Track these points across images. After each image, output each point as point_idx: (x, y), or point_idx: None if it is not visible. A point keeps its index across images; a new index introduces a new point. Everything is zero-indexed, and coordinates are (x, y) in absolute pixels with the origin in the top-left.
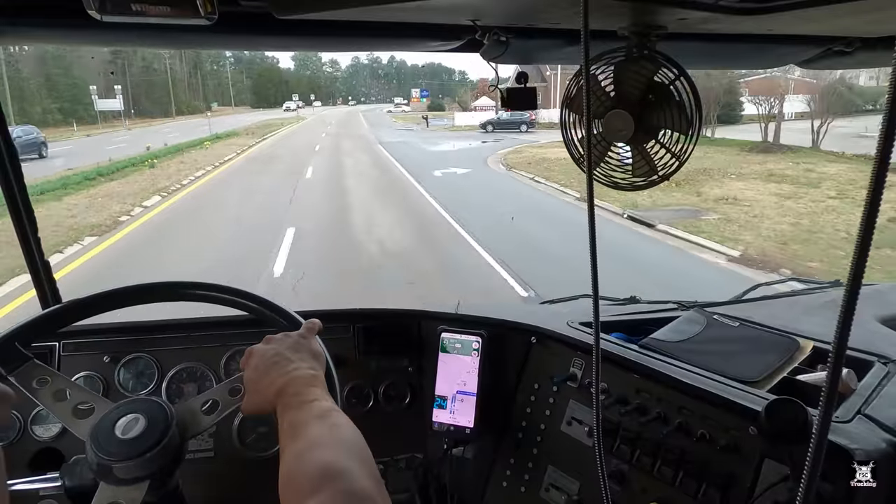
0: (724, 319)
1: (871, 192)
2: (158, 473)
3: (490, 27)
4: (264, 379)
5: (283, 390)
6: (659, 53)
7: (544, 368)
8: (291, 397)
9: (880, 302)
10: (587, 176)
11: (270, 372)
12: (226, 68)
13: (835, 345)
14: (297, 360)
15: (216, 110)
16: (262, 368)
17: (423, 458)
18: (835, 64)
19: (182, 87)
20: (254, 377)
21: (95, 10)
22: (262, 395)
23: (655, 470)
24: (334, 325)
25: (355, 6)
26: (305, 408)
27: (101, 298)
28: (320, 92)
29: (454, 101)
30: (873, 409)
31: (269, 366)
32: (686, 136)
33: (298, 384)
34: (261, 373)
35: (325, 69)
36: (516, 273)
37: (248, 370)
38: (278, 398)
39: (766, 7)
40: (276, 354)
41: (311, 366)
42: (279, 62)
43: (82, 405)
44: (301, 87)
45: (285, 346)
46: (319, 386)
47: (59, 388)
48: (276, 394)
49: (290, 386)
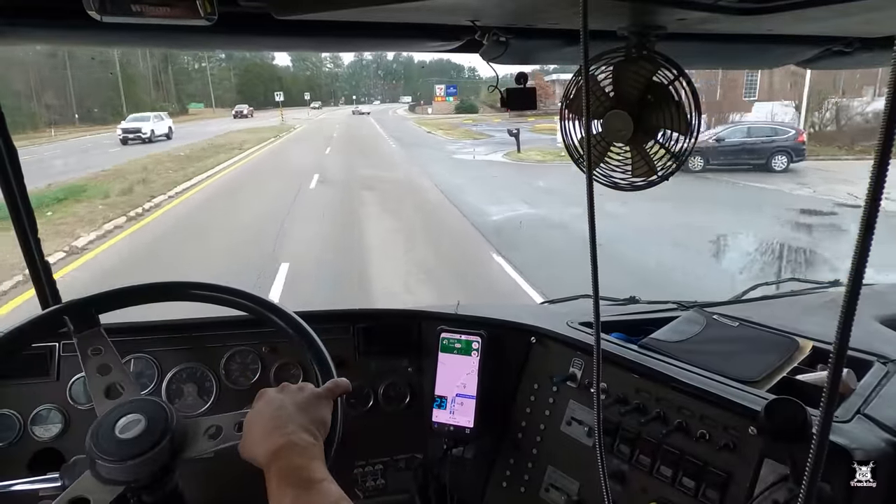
0: (724, 319)
1: (871, 192)
2: (134, 483)
3: (489, 27)
4: (261, 430)
5: (279, 454)
6: (658, 54)
7: (544, 368)
8: (292, 471)
9: (879, 302)
10: (587, 176)
11: (269, 426)
12: (205, 64)
13: (836, 345)
14: (298, 421)
15: (195, 113)
16: (263, 416)
17: (423, 458)
18: (834, 64)
19: (144, 85)
20: (253, 423)
21: (95, 11)
22: (257, 447)
23: (655, 470)
24: (334, 326)
25: (354, 7)
26: (314, 490)
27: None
28: (320, 91)
29: (478, 100)
30: (873, 409)
31: (270, 419)
32: (685, 136)
33: (296, 453)
34: (260, 421)
35: (326, 66)
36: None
37: (251, 412)
38: (273, 461)
39: (766, 7)
40: (280, 408)
41: (311, 433)
42: (274, 59)
43: (116, 387)
44: (298, 85)
45: (294, 400)
46: (319, 458)
47: (106, 364)
48: (271, 454)
49: (288, 453)
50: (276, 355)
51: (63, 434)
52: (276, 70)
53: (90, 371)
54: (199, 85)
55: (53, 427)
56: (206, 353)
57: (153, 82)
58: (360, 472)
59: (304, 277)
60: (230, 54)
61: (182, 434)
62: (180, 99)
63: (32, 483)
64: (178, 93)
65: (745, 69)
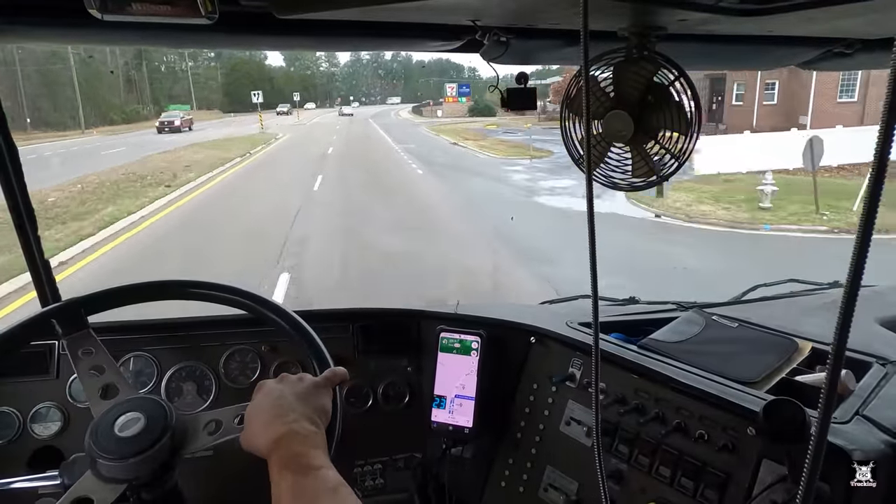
0: (723, 320)
1: (869, 192)
2: (135, 481)
3: (490, 27)
4: (262, 420)
5: (280, 443)
6: (658, 54)
7: (543, 368)
8: (292, 458)
9: (879, 303)
10: (587, 176)
11: (269, 415)
12: (190, 63)
13: (834, 346)
14: (299, 410)
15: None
16: (263, 407)
17: (422, 457)
18: (834, 65)
19: (112, 86)
20: (253, 413)
21: (96, 10)
22: (258, 438)
23: (654, 470)
24: (333, 325)
25: (355, 6)
26: (312, 476)
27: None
28: (315, 91)
29: (482, 100)
30: (871, 410)
31: (271, 408)
32: (685, 137)
33: (297, 442)
34: (261, 412)
35: (322, 65)
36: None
37: (251, 403)
38: (274, 449)
39: (767, 8)
40: (280, 398)
41: (312, 421)
42: (266, 57)
43: (111, 387)
44: (291, 85)
45: (294, 390)
46: (320, 447)
47: (99, 364)
48: (272, 443)
49: (289, 441)
50: (276, 354)
51: (62, 432)
52: (267, 70)
53: (83, 372)
54: (188, 85)
55: (53, 425)
56: (205, 352)
57: (124, 81)
58: (359, 472)
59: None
60: (219, 52)
61: (182, 430)
62: (158, 100)
63: (32, 481)
64: (156, 93)
65: (746, 70)
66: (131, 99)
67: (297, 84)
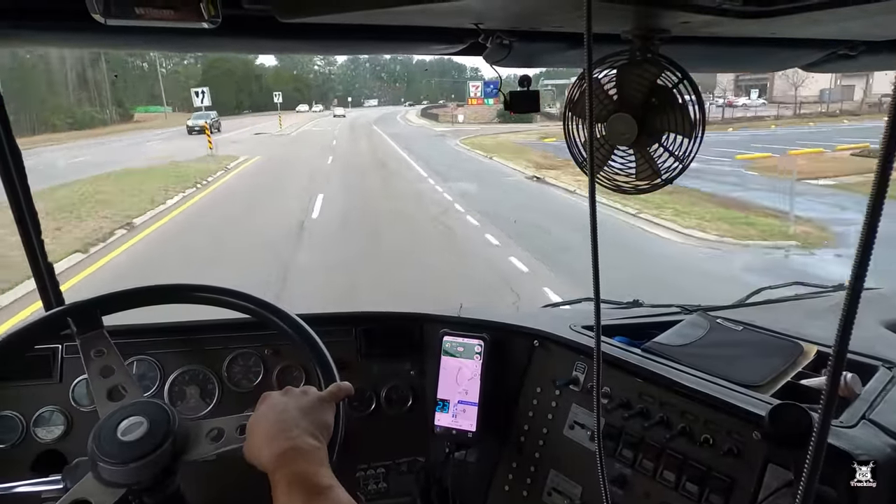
0: (728, 323)
1: (873, 195)
2: (136, 485)
3: (493, 30)
4: (266, 433)
5: (284, 459)
6: (662, 57)
7: (547, 372)
8: (300, 476)
9: (885, 306)
10: (589, 179)
11: (273, 429)
12: (168, 64)
13: (835, 348)
14: (303, 425)
15: (142, 120)
16: (267, 419)
17: (425, 461)
18: (839, 67)
19: (55, 83)
20: (257, 426)
21: (100, 14)
22: (261, 451)
23: (658, 474)
24: (336, 329)
25: (358, 10)
26: (323, 497)
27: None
28: (309, 92)
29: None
30: (878, 414)
31: (275, 422)
32: (689, 139)
33: (302, 458)
34: (264, 424)
35: (317, 64)
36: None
37: (254, 414)
38: (278, 466)
39: (771, 10)
40: (283, 411)
41: (314, 436)
42: (257, 57)
43: (119, 389)
44: (281, 85)
45: (298, 404)
46: (325, 464)
47: (109, 365)
48: (276, 458)
49: (294, 457)
50: (279, 358)
51: (65, 436)
52: (255, 68)
53: (93, 373)
54: (169, 84)
55: (56, 429)
56: (208, 356)
57: (77, 79)
58: (361, 476)
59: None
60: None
61: (184, 437)
62: (121, 102)
63: (35, 485)
64: (118, 94)
65: (749, 72)
66: (83, 98)
67: (289, 85)
